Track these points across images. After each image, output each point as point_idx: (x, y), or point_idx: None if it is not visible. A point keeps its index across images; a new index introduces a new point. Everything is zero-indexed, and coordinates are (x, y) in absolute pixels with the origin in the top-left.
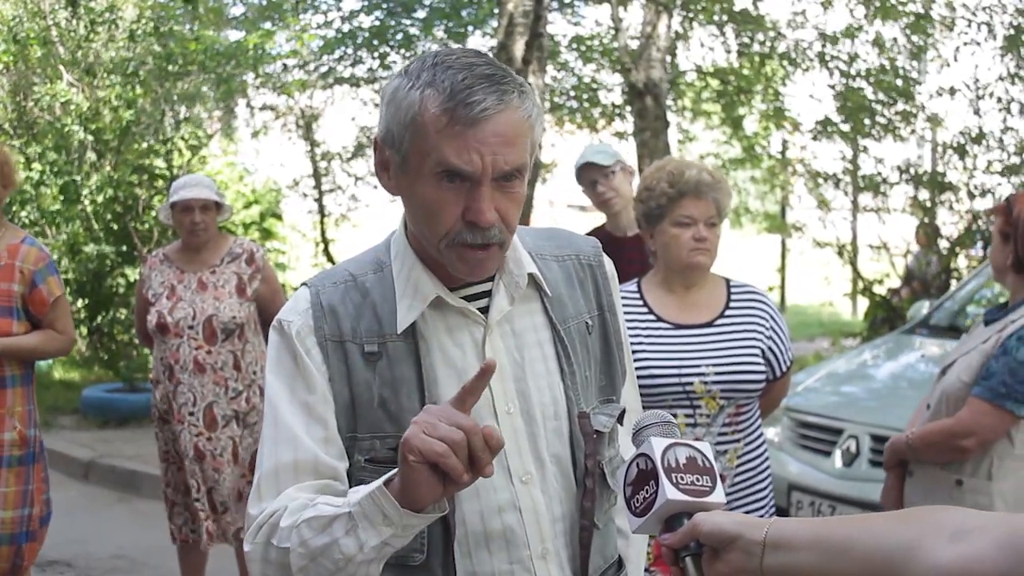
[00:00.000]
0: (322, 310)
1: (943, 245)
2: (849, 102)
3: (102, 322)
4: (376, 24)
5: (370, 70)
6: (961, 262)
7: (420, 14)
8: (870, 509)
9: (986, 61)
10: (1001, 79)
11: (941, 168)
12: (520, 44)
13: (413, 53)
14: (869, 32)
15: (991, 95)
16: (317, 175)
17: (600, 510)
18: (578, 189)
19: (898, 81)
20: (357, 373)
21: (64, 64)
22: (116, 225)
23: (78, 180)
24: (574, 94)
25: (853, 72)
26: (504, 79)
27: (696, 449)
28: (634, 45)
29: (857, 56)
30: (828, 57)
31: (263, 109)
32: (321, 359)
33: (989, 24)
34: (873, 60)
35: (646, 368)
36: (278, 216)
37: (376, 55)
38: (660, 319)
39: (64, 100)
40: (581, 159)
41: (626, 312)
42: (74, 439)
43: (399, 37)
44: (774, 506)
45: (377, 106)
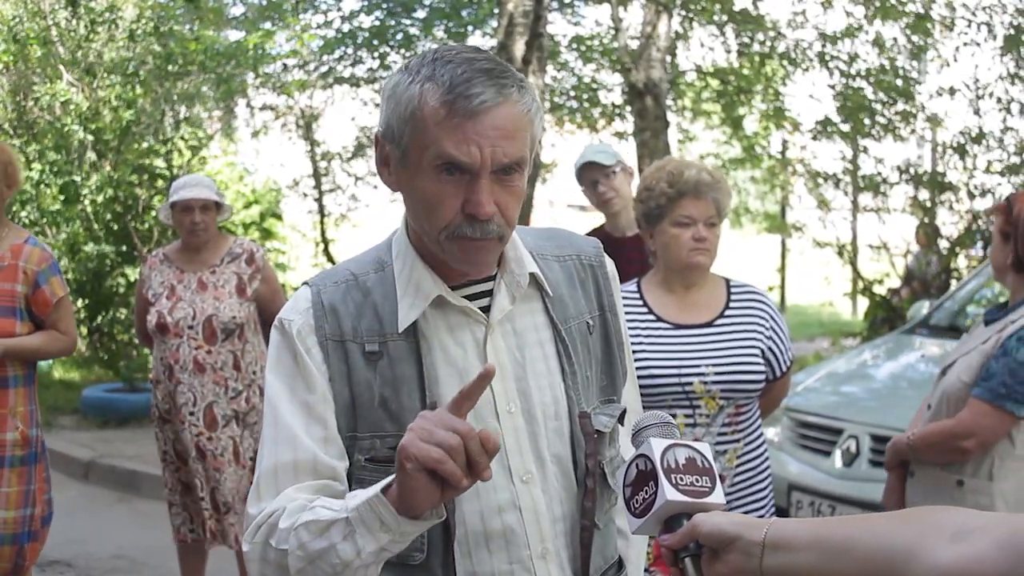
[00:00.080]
0: (323, 309)
1: (943, 245)
2: (849, 102)
3: (102, 322)
4: (376, 24)
5: (370, 70)
6: (961, 262)
7: (420, 14)
8: (870, 509)
9: (986, 61)
10: (1001, 79)
11: (941, 168)
12: (520, 44)
13: (413, 53)
14: (869, 32)
15: (991, 95)
16: (317, 175)
17: (601, 510)
18: (578, 189)
19: (898, 81)
20: (358, 372)
21: (64, 64)
22: (116, 225)
23: (78, 180)
24: (574, 94)
25: (853, 72)
26: (503, 73)
27: (695, 450)
28: (634, 45)
29: (857, 56)
30: (828, 57)
31: (263, 109)
32: (321, 358)
33: (989, 24)
34: (873, 60)
35: (646, 368)
36: (278, 216)
37: (376, 55)
38: (660, 319)
39: (64, 100)
40: (582, 159)
41: (626, 312)
42: (74, 439)
43: (399, 37)
44: (774, 506)
45: (377, 106)
